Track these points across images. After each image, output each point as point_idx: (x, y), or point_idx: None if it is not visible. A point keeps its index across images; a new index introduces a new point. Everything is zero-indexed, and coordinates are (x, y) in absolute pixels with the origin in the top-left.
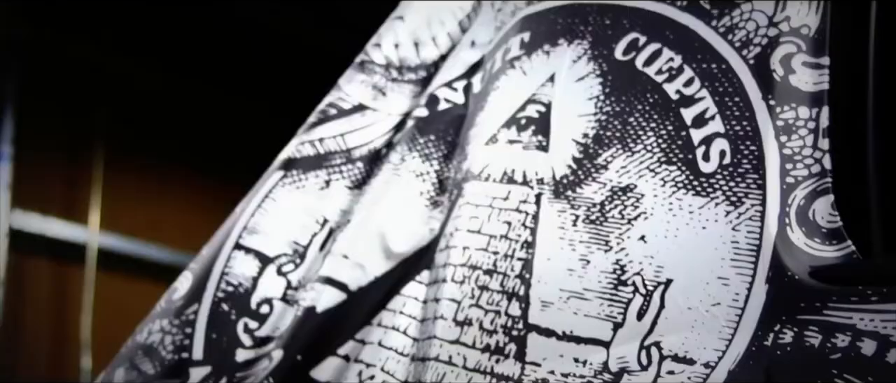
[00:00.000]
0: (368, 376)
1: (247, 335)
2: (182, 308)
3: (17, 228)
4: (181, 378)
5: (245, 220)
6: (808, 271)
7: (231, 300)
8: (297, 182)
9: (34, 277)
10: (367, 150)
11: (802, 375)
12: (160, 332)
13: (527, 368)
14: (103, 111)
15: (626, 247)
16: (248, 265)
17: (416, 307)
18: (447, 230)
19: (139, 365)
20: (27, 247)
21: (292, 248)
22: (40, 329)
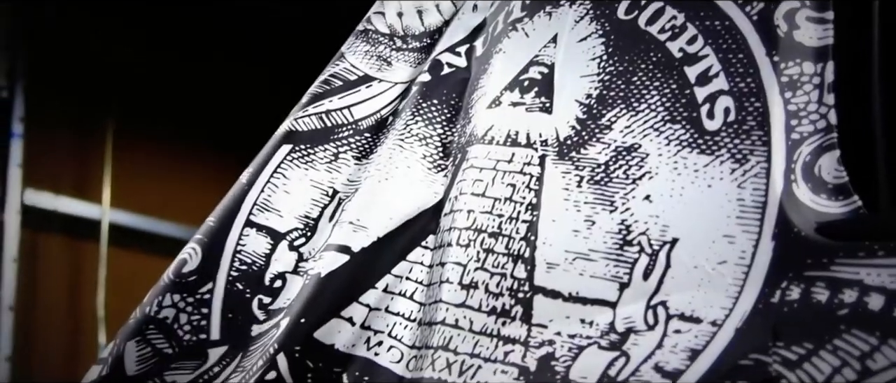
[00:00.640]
0: (376, 342)
1: (261, 310)
2: (194, 285)
3: (30, 205)
4: (200, 359)
5: (255, 196)
6: (815, 227)
7: (245, 279)
8: (305, 157)
9: (48, 254)
10: (373, 121)
11: (810, 331)
12: (173, 308)
13: (533, 330)
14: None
15: (632, 207)
16: (260, 243)
17: (422, 272)
18: (452, 194)
19: (153, 341)
20: (40, 224)
21: (303, 223)
22: (55, 305)
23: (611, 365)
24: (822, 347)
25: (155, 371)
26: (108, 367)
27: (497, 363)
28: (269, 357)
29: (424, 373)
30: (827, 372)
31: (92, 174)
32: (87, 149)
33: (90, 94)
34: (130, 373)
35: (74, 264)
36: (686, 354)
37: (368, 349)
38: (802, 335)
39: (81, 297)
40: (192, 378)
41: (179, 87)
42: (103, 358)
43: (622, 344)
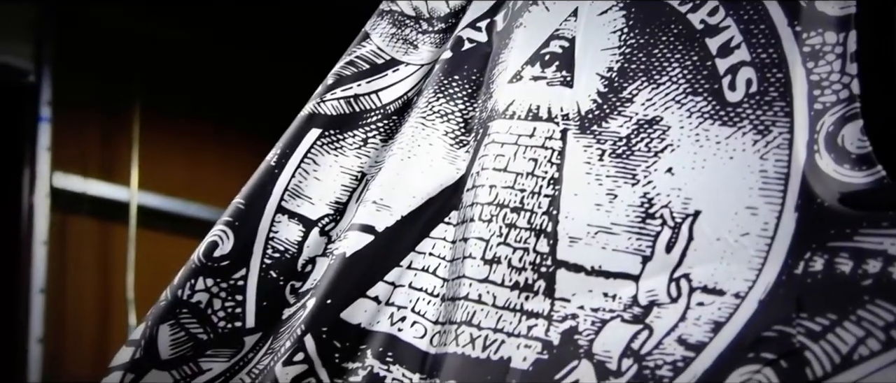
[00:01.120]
0: (400, 318)
1: (292, 295)
2: (227, 270)
3: (59, 188)
4: (236, 347)
5: (285, 182)
6: (838, 197)
7: (278, 266)
8: (335, 142)
9: (77, 237)
10: (400, 103)
11: (834, 302)
12: (206, 293)
13: (556, 304)
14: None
15: (654, 180)
16: (292, 231)
17: (446, 247)
18: (474, 169)
19: (187, 326)
20: (69, 206)
21: (334, 209)
22: (85, 287)
23: (634, 339)
24: (845, 318)
25: (190, 356)
26: (142, 350)
27: (520, 337)
28: (297, 338)
29: (448, 349)
30: (851, 342)
31: (120, 156)
32: (115, 131)
33: (117, 77)
34: (165, 357)
35: (103, 246)
36: (709, 327)
37: (392, 324)
38: (826, 306)
39: (111, 279)
40: (229, 365)
41: (206, 69)
42: (135, 340)
43: (645, 317)
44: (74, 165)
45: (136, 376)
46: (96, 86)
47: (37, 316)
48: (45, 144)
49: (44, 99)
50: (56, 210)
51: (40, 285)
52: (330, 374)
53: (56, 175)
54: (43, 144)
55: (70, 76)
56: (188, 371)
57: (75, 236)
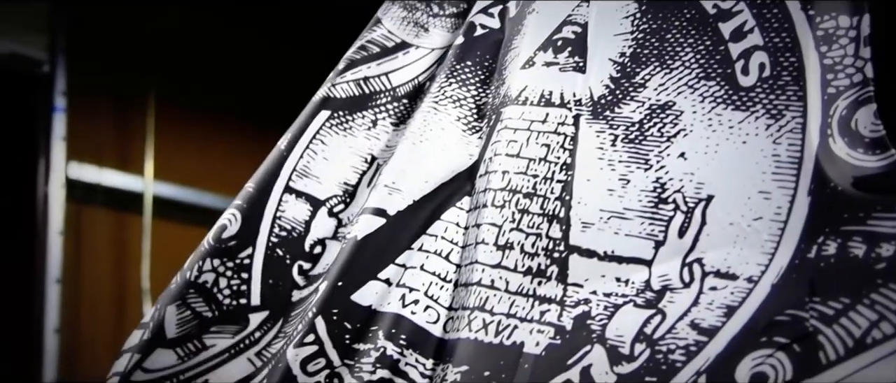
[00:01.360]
0: (412, 300)
1: (301, 276)
2: (234, 250)
3: (74, 179)
4: (241, 324)
5: (294, 162)
6: (852, 181)
7: (285, 245)
8: (343, 123)
9: (92, 227)
10: (411, 87)
11: (847, 286)
12: (213, 272)
13: (569, 289)
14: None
15: (666, 165)
16: (299, 209)
17: (458, 233)
18: (486, 155)
19: (193, 305)
20: (84, 197)
21: (342, 189)
22: (101, 277)
23: (647, 323)
24: (859, 301)
25: (195, 333)
26: (150, 332)
27: (533, 322)
28: (308, 320)
29: (461, 334)
30: (864, 326)
31: (134, 147)
32: (130, 122)
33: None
34: (171, 336)
35: (119, 236)
36: (722, 311)
37: (404, 306)
38: (839, 290)
39: (126, 269)
40: (234, 342)
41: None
42: (145, 323)
43: (658, 301)
44: (89, 155)
45: (142, 356)
46: (110, 76)
47: (53, 306)
48: (59, 134)
49: (58, 89)
50: (71, 200)
51: (56, 275)
52: (340, 355)
53: (71, 165)
54: (58, 134)
55: (84, 66)
56: (192, 347)
57: (90, 226)
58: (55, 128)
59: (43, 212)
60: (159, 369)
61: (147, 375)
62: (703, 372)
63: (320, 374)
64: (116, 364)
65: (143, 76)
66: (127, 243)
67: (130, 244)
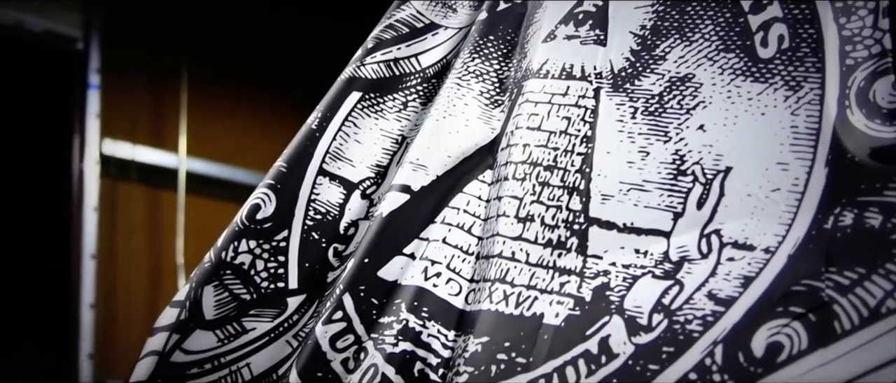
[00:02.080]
0: (434, 273)
1: (336, 258)
2: (270, 232)
3: (109, 155)
4: (280, 308)
5: (327, 144)
6: (869, 152)
7: (320, 228)
8: (375, 106)
9: (127, 203)
10: (439, 67)
11: (863, 256)
12: (249, 254)
13: (588, 261)
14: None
15: (686, 137)
16: (333, 193)
17: (480, 206)
18: (508, 128)
19: (231, 287)
20: (119, 173)
21: (375, 171)
22: (136, 253)
23: (665, 294)
24: (874, 271)
25: (234, 316)
26: (187, 311)
27: (553, 294)
28: (336, 297)
29: (482, 305)
30: (879, 295)
31: (168, 123)
32: (163, 98)
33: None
34: (209, 317)
35: (153, 212)
36: (739, 282)
37: (426, 279)
38: (855, 260)
39: (161, 244)
40: (273, 326)
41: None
42: (179, 301)
43: (676, 272)
44: (123, 132)
45: (181, 336)
46: (144, 52)
47: (88, 281)
48: (94, 111)
49: (92, 66)
50: (106, 176)
51: (91, 251)
52: (367, 330)
53: (105, 142)
54: (92, 111)
55: (118, 43)
56: (232, 330)
57: (125, 202)
58: (89, 105)
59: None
60: (200, 351)
61: (188, 356)
62: (720, 342)
63: (348, 350)
64: (151, 342)
65: (177, 52)
66: (161, 219)
67: (165, 219)
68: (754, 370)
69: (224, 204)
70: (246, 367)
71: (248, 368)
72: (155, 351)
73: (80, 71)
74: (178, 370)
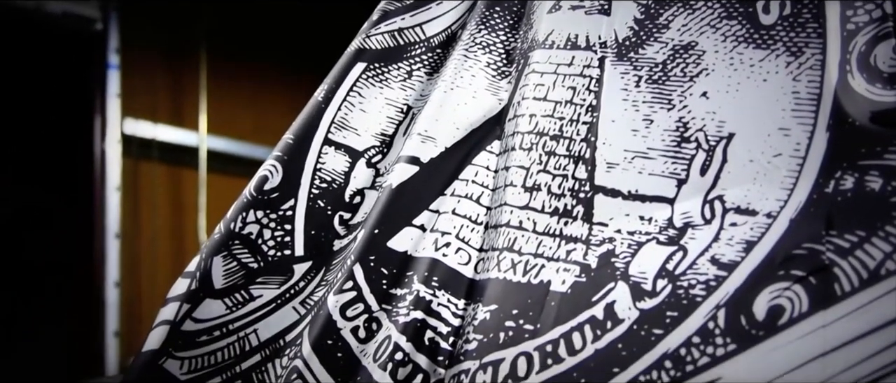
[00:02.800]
0: (444, 243)
1: (342, 226)
2: (277, 201)
3: (130, 135)
4: (286, 275)
5: (332, 114)
6: (869, 116)
7: (326, 196)
8: (379, 75)
9: (149, 181)
10: (444, 36)
11: (863, 219)
12: (256, 224)
13: (594, 229)
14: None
15: (689, 105)
16: (339, 161)
17: (488, 176)
18: (515, 99)
19: (239, 256)
20: (140, 152)
21: (380, 140)
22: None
23: (669, 260)
24: (874, 234)
25: (241, 284)
26: (197, 281)
27: (560, 261)
28: (347, 268)
29: (491, 274)
30: (878, 257)
31: (188, 102)
32: (182, 77)
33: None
34: (218, 287)
35: (175, 190)
36: (742, 246)
37: (436, 250)
38: (855, 223)
39: (183, 222)
40: (280, 292)
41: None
42: (190, 272)
43: (680, 238)
44: (144, 111)
45: (191, 306)
46: (162, 32)
47: (112, 260)
48: (114, 91)
49: (111, 46)
50: (127, 156)
51: (115, 230)
52: (378, 300)
53: (126, 121)
54: (112, 91)
55: (136, 23)
56: (240, 298)
57: (147, 181)
58: (109, 86)
59: (100, 169)
60: (209, 319)
61: (198, 325)
62: (723, 306)
63: (359, 319)
64: (163, 312)
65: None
66: (183, 197)
67: (186, 197)
68: (756, 333)
69: (245, 181)
70: (253, 333)
71: (255, 334)
72: (167, 321)
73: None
74: (188, 338)
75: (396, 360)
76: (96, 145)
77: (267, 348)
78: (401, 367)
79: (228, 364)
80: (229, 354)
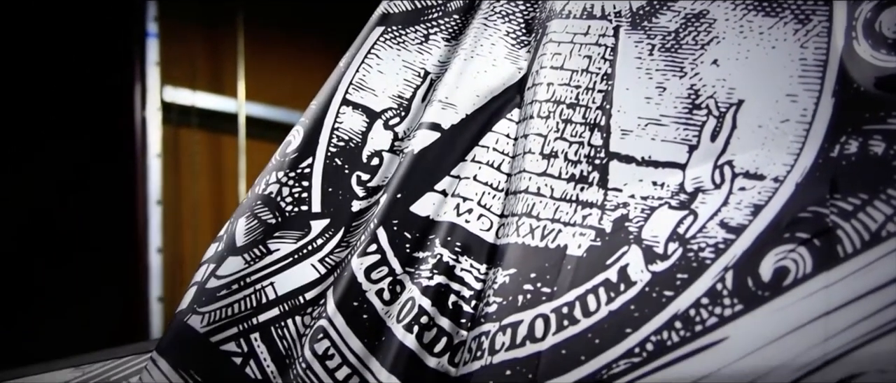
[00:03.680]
0: (466, 209)
1: (360, 187)
2: (296, 161)
3: (169, 102)
4: (304, 230)
5: (350, 76)
6: (874, 82)
7: (343, 155)
8: (397, 37)
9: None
10: (462, 2)
11: (866, 182)
12: (277, 184)
13: (609, 194)
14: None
15: (700, 72)
16: (356, 121)
17: (508, 143)
18: (533, 68)
19: (259, 214)
20: (180, 119)
21: (397, 102)
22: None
23: (680, 224)
24: (876, 197)
25: (260, 239)
26: (223, 243)
27: (576, 226)
28: (371, 231)
29: (510, 239)
30: (880, 220)
31: (226, 69)
32: (220, 44)
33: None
34: (239, 244)
35: (215, 156)
36: (750, 210)
37: (458, 215)
38: (858, 186)
39: (223, 188)
40: (296, 247)
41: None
42: (220, 236)
43: (691, 203)
44: (183, 79)
45: (216, 265)
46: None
47: (155, 226)
48: (153, 60)
49: (150, 15)
50: (167, 123)
51: (157, 197)
52: (401, 263)
53: (166, 89)
54: (151, 60)
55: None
56: (257, 252)
57: (187, 148)
58: (149, 54)
59: (141, 136)
60: (229, 274)
61: (219, 281)
62: (731, 268)
63: (383, 281)
64: (196, 274)
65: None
66: (223, 163)
67: (226, 164)
68: (762, 293)
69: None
70: (270, 286)
71: (271, 288)
72: (195, 282)
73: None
74: (210, 294)
75: (422, 323)
76: (137, 113)
77: (285, 303)
78: (426, 331)
79: (245, 315)
80: (246, 306)
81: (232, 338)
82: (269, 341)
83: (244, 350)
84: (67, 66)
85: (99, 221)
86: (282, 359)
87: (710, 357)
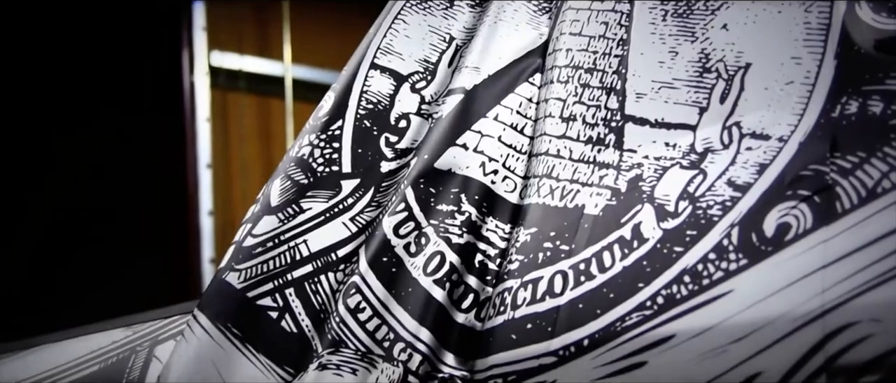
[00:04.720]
0: (491, 170)
1: (389, 148)
2: (327, 124)
3: (217, 66)
4: (335, 190)
5: (378, 41)
6: (874, 44)
7: (372, 117)
8: (422, 3)
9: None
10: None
11: (864, 140)
12: (309, 146)
13: (624, 155)
14: None
15: (710, 37)
16: (384, 84)
17: (530, 108)
18: (554, 34)
19: (293, 175)
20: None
21: (423, 66)
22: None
23: (690, 183)
24: (873, 155)
25: (293, 199)
26: (259, 204)
27: (593, 187)
28: (401, 192)
29: (531, 199)
30: (876, 177)
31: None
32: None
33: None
34: (274, 204)
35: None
36: (755, 169)
37: (484, 175)
38: (857, 145)
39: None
40: (328, 206)
41: None
42: (257, 198)
43: (701, 162)
44: (230, 44)
45: (252, 225)
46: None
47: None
48: (200, 25)
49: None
50: (215, 87)
51: (207, 160)
52: (426, 216)
53: (213, 53)
54: (198, 25)
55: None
56: (291, 211)
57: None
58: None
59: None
60: (264, 233)
61: (255, 239)
62: (737, 225)
63: (410, 235)
64: (235, 236)
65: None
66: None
67: (274, 127)
68: (765, 248)
69: None
70: (303, 243)
71: (305, 245)
72: (234, 242)
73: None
74: (246, 252)
75: (453, 280)
76: (185, 78)
77: (318, 260)
78: (455, 288)
79: (280, 271)
80: (281, 262)
81: (268, 294)
82: (304, 296)
83: (279, 304)
84: (116, 34)
85: (150, 185)
86: (316, 314)
87: (717, 309)
